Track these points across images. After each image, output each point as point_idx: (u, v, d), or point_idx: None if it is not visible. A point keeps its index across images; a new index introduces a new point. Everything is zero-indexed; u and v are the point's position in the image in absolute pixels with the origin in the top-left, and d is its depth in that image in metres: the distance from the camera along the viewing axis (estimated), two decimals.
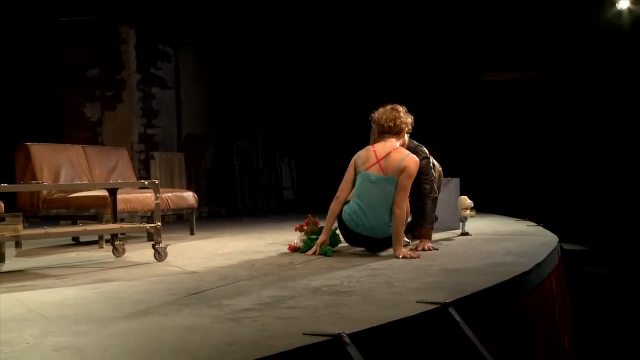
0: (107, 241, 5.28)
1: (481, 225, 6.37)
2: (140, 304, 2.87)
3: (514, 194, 9.86)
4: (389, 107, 4.70)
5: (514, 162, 10.61)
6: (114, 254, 4.68)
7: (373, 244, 4.44)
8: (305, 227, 4.72)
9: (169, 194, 6.33)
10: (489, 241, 5.19)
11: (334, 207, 4.44)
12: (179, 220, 8.20)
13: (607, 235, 9.20)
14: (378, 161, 4.38)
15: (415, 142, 4.95)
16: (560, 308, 4.29)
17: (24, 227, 4.32)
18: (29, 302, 3.02)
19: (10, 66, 8.13)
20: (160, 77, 9.04)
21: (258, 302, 2.81)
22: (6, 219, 4.14)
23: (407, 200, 4.42)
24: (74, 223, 5.91)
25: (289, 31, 10.78)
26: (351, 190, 4.49)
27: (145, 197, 5.81)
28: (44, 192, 5.82)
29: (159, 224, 4.44)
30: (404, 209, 4.31)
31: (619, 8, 9.84)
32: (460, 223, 5.69)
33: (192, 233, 6.45)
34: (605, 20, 9.91)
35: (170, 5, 9.14)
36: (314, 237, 4.58)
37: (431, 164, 4.88)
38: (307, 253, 4.46)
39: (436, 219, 5.55)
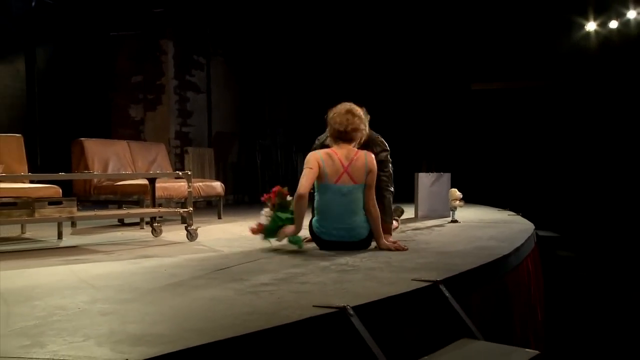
0: (147, 223, 5.29)
1: (468, 214, 6.32)
2: (174, 277, 2.86)
3: (497, 188, 9.82)
4: (345, 108, 3.72)
5: (498, 160, 10.59)
6: (152, 234, 4.68)
7: (351, 247, 3.65)
8: (272, 198, 3.77)
9: (200, 184, 6.32)
10: (475, 228, 5.15)
11: (302, 205, 3.57)
12: (209, 206, 8.20)
13: (576, 224, 9.17)
14: (345, 170, 3.60)
15: (376, 133, 4.20)
16: (535, 286, 4.26)
17: (78, 210, 4.35)
18: (81, 273, 3.03)
19: (68, 73, 8.16)
20: (194, 83, 9.03)
21: (275, 277, 2.79)
22: (63, 202, 4.16)
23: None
24: (120, 207, 5.93)
25: (304, 46, 10.75)
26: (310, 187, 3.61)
27: (180, 186, 5.81)
28: (95, 180, 5.85)
29: (191, 209, 4.44)
30: (376, 206, 3.68)
31: (587, 30, 9.87)
32: (451, 212, 5.65)
33: (219, 217, 6.44)
34: (575, 40, 9.93)
35: (203, 22, 9.13)
36: (283, 215, 3.66)
37: (389, 158, 4.17)
38: (278, 237, 3.65)
39: (402, 212, 5.19)
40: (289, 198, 3.78)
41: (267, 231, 3.70)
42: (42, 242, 4.53)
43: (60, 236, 4.60)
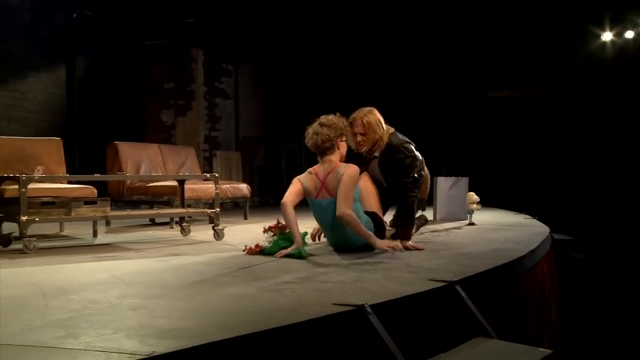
0: (176, 222, 5.33)
1: (485, 217, 6.25)
2: (200, 275, 2.88)
3: (513, 191, 9.71)
4: (316, 122, 3.63)
5: (514, 164, 10.49)
6: (181, 233, 4.72)
7: (358, 250, 3.56)
8: (274, 230, 3.65)
9: (227, 185, 6.35)
10: (491, 230, 5.09)
11: (289, 211, 3.46)
12: (235, 207, 8.24)
13: (590, 227, 9.02)
14: (323, 184, 3.51)
15: (402, 138, 3.98)
16: (549, 287, 4.19)
17: (112, 209, 4.40)
18: (114, 270, 3.06)
19: (105, 80, 8.29)
20: (222, 89, 9.09)
21: (297, 276, 2.78)
22: (98, 202, 4.22)
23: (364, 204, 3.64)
24: (151, 207, 5.99)
25: (328, 53, 10.76)
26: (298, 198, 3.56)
27: (208, 188, 5.83)
28: (128, 181, 5.92)
29: (218, 209, 4.46)
30: (345, 214, 3.39)
31: (603, 40, 9.74)
32: (468, 215, 5.60)
33: (245, 218, 6.47)
34: (592, 49, 9.82)
35: (232, 32, 9.19)
36: (285, 237, 3.55)
37: (417, 163, 3.96)
38: (277, 255, 3.41)
39: (425, 221, 4.94)
40: (287, 231, 3.62)
41: (267, 252, 3.52)
42: (78, 239, 4.60)
43: (95, 234, 4.67)
